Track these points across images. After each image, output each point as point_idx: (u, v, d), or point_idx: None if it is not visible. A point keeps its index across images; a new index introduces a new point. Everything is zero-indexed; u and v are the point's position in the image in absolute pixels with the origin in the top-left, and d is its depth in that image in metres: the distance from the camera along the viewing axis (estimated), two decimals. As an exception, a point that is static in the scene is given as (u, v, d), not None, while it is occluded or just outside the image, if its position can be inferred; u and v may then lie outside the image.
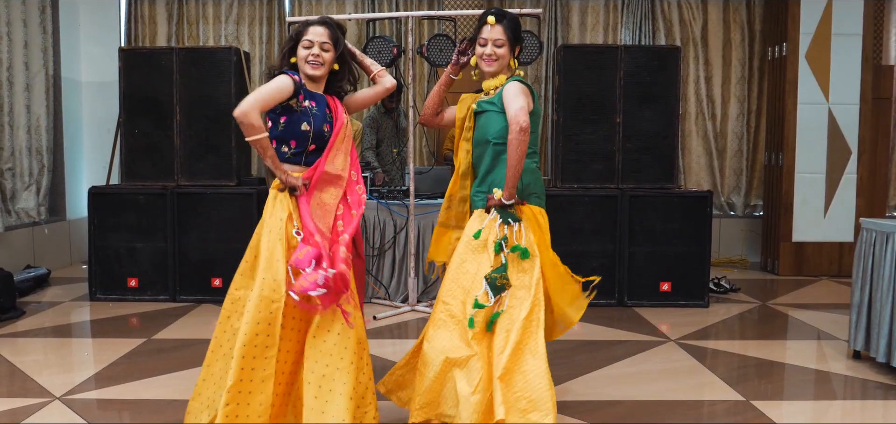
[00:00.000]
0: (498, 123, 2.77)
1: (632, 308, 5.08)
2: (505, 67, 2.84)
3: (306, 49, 2.69)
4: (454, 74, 2.98)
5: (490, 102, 2.83)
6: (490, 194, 2.76)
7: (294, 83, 2.62)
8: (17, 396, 3.29)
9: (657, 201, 5.12)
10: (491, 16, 2.79)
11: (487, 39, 2.79)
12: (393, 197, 5.21)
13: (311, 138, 2.66)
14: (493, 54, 2.79)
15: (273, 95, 2.60)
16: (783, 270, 6.41)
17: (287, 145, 2.67)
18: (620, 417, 3.12)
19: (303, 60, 2.70)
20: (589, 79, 5.16)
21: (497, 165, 2.80)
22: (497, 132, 2.77)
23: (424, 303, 5.01)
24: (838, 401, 3.44)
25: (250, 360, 2.49)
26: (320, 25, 2.73)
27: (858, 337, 3.82)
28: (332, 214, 2.66)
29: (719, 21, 7.13)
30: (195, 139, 5.22)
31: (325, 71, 2.73)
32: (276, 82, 2.63)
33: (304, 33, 2.71)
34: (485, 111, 2.83)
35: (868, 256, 3.76)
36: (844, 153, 6.34)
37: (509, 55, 2.83)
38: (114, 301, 5.17)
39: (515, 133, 2.63)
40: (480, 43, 2.82)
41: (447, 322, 2.69)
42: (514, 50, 2.84)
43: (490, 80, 2.87)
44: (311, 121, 2.65)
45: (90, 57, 6.98)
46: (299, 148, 2.67)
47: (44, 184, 6.33)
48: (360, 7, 7.04)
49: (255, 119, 2.55)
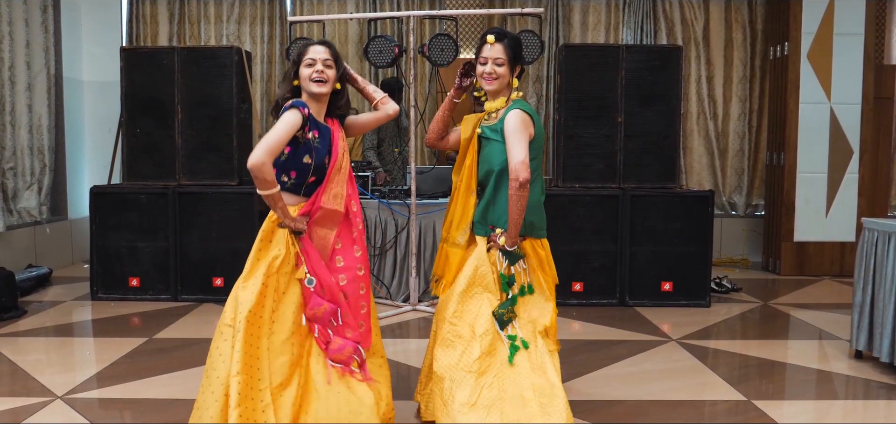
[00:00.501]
0: (501, 154, 2.75)
1: (633, 308, 5.08)
2: (505, 86, 2.83)
3: (309, 67, 2.69)
4: (457, 97, 2.96)
5: (493, 129, 2.81)
6: (492, 234, 2.77)
7: (303, 117, 2.59)
8: (18, 395, 3.30)
9: (659, 201, 5.12)
10: (490, 35, 2.79)
11: (487, 58, 2.79)
12: (394, 197, 5.21)
13: (312, 171, 2.65)
14: (492, 73, 2.78)
15: (285, 138, 2.55)
16: (785, 270, 6.40)
17: (287, 175, 2.65)
18: (622, 416, 3.12)
19: (307, 79, 2.68)
20: (590, 78, 5.15)
21: (498, 196, 2.79)
22: (500, 164, 2.75)
23: (426, 303, 5.01)
24: (840, 401, 3.43)
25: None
26: (320, 45, 2.74)
27: (860, 337, 3.82)
28: (328, 247, 2.67)
29: (721, 20, 7.12)
30: (196, 139, 5.22)
31: (329, 88, 2.72)
32: (286, 122, 2.56)
33: (305, 54, 2.71)
34: (488, 139, 2.82)
35: (870, 256, 3.76)
36: (846, 153, 6.33)
37: (509, 74, 2.82)
38: (115, 301, 5.18)
39: (515, 189, 2.63)
40: (480, 61, 2.81)
41: (454, 342, 2.73)
42: (514, 69, 2.83)
43: (492, 101, 2.86)
44: (313, 154, 2.64)
45: (92, 56, 6.98)
46: (299, 179, 2.65)
47: (45, 183, 6.33)
48: (362, 7, 7.04)
49: (268, 173, 2.49)
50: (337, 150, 2.71)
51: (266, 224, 2.66)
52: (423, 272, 5.16)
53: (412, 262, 4.99)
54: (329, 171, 2.68)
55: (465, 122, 2.97)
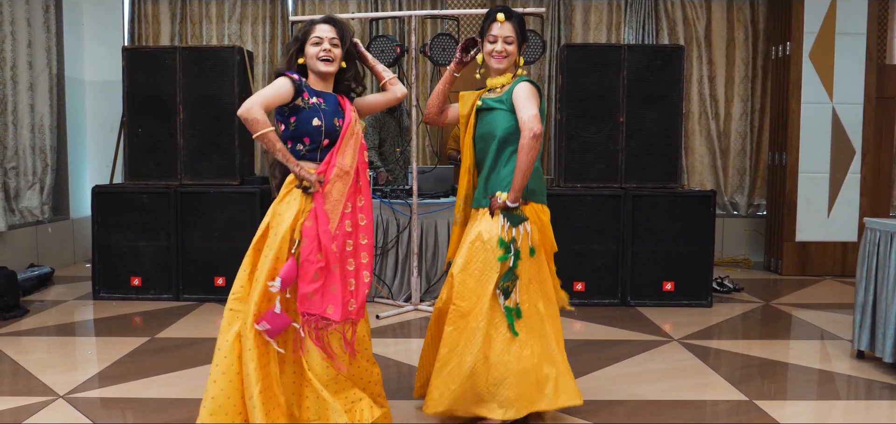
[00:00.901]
0: (505, 121, 2.78)
1: (635, 308, 5.07)
2: (512, 64, 2.87)
3: (316, 46, 2.69)
4: (457, 72, 2.99)
5: (498, 100, 2.83)
6: (493, 197, 2.77)
7: (293, 82, 2.61)
8: (20, 394, 3.30)
9: (660, 201, 5.11)
10: (500, 13, 2.81)
11: (498, 36, 2.81)
12: (396, 196, 5.21)
13: (324, 133, 2.65)
14: (503, 51, 2.81)
15: (273, 95, 2.58)
16: (786, 269, 6.40)
17: (301, 143, 2.65)
18: (623, 416, 3.11)
19: (313, 58, 2.69)
20: (592, 78, 5.15)
21: (499, 164, 2.81)
22: (504, 130, 2.78)
23: (427, 302, 5.01)
24: (842, 401, 3.43)
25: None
26: (326, 23, 2.73)
27: (863, 337, 3.81)
28: (339, 209, 2.65)
29: (723, 20, 7.12)
30: (198, 138, 5.23)
31: (336, 66, 2.73)
32: (275, 83, 2.62)
33: (311, 32, 2.70)
34: (491, 109, 2.84)
35: (872, 255, 3.75)
36: (848, 153, 6.32)
37: (517, 52, 2.86)
38: (117, 300, 5.18)
39: (528, 139, 2.65)
40: (490, 40, 2.82)
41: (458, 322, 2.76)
42: (520, 47, 2.87)
43: (496, 77, 2.87)
44: (321, 116, 2.64)
45: (94, 56, 6.99)
46: (313, 144, 2.66)
47: (47, 183, 6.34)
48: (364, 6, 7.04)
49: (258, 114, 2.52)
50: (349, 114, 2.73)
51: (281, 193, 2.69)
52: (425, 271, 5.16)
53: (414, 261, 4.99)
54: (343, 133, 2.68)
55: (463, 98, 2.97)
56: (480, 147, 2.89)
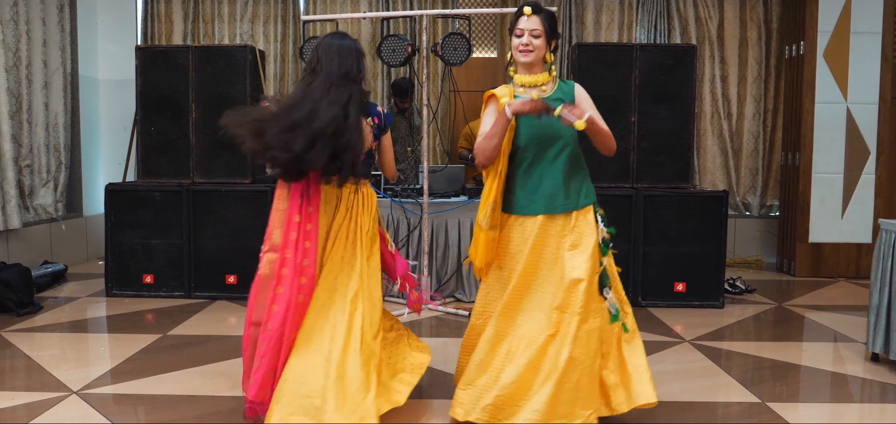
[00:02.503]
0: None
1: (646, 308, 5.05)
2: (540, 60, 2.81)
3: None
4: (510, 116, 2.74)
5: (554, 98, 2.76)
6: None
7: None
8: (34, 390, 3.33)
9: (672, 201, 5.09)
10: (527, 7, 2.76)
11: (524, 30, 2.76)
12: (407, 195, 5.22)
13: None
14: (529, 44, 2.76)
15: None
16: (799, 271, 6.35)
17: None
18: (634, 417, 3.10)
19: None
20: (604, 77, 5.13)
21: (574, 165, 2.85)
22: (571, 131, 2.69)
23: (437, 301, 5.01)
24: (856, 404, 3.39)
25: None
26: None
27: (877, 339, 3.77)
28: None
29: (736, 19, 7.07)
30: (211, 137, 5.25)
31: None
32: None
33: None
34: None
35: (887, 257, 3.71)
36: (863, 153, 6.26)
37: (545, 47, 2.79)
38: (129, 297, 5.22)
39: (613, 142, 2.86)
40: (516, 33, 2.78)
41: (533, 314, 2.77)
42: (549, 43, 2.81)
43: (525, 73, 2.82)
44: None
45: (107, 55, 7.05)
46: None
47: (61, 181, 6.40)
48: (375, 5, 7.05)
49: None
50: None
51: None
52: (436, 270, 5.16)
53: (424, 261, 4.99)
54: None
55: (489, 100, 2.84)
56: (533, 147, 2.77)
